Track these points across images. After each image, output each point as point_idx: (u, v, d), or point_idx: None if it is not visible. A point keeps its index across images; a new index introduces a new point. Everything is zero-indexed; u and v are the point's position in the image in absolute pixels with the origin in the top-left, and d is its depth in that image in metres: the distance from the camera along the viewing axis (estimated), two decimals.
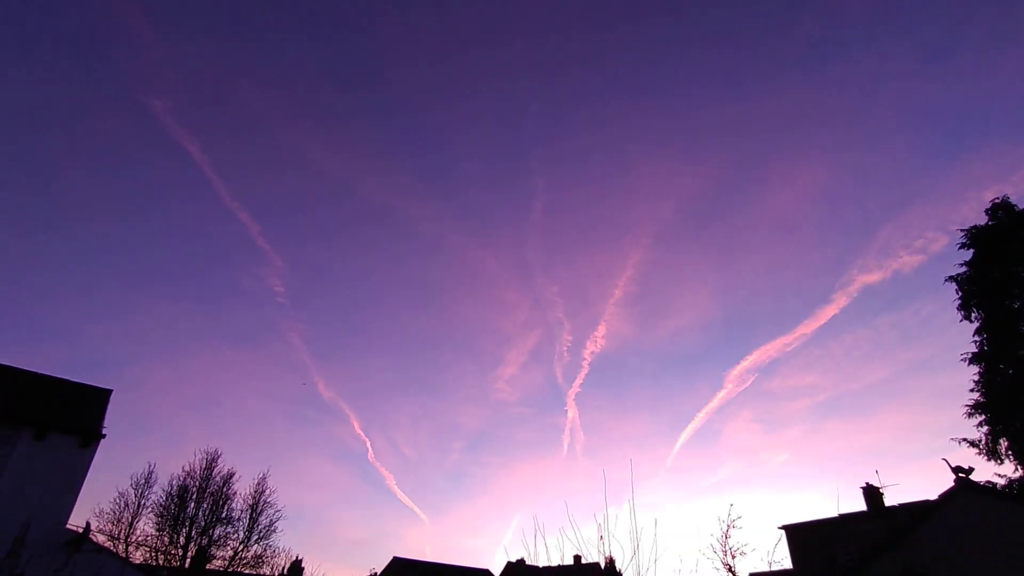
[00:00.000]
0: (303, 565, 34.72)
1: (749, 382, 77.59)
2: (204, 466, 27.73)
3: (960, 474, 15.32)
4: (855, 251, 72.77)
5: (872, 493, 25.90)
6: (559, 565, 9.56)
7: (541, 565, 10.05)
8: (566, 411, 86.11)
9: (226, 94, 68.71)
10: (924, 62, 65.87)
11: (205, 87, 67.41)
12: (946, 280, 21.06)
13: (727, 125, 71.06)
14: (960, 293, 20.61)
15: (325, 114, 76.01)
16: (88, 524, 10.65)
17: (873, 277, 67.45)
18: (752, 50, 71.11)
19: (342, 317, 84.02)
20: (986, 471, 24.43)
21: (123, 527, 25.53)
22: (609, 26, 72.44)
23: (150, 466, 31.55)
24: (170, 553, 25.63)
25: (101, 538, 23.56)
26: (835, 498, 52.59)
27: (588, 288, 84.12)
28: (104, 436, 11.53)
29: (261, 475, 30.03)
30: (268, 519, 28.56)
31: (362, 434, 76.33)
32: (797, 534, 26.19)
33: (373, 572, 46.65)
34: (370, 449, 75.85)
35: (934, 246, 59.38)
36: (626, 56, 73.35)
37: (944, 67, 64.92)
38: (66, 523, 10.33)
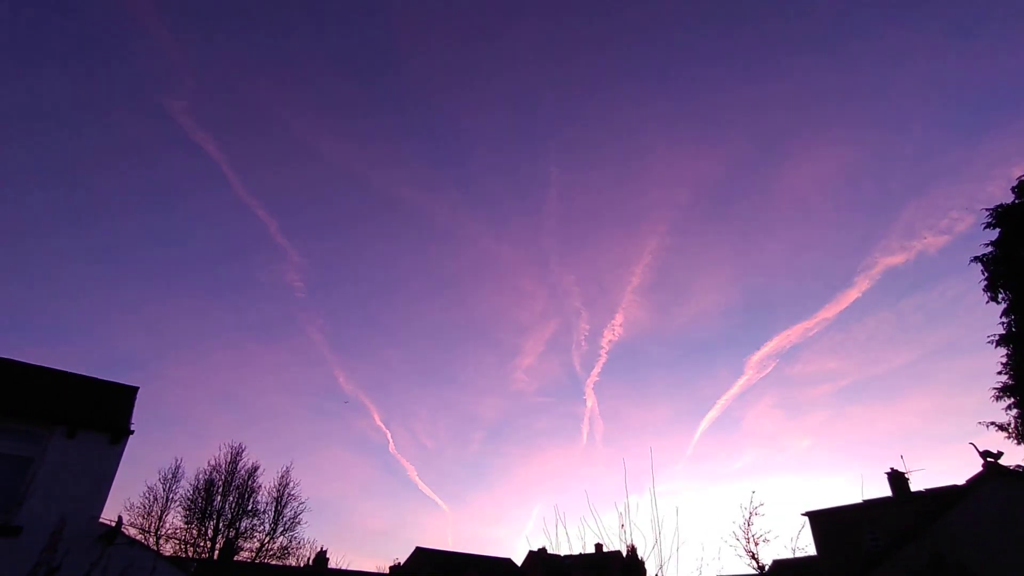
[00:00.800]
0: (327, 556, 35.39)
1: (770, 368, 76.84)
2: (229, 460, 28.45)
3: (989, 458, 15.02)
4: (878, 233, 71.38)
5: (897, 479, 25.55)
6: (580, 553, 9.60)
7: (562, 554, 10.11)
8: (585, 400, 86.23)
9: (240, 92, 69.39)
10: (949, 37, 64.04)
11: (219, 86, 68.14)
12: (972, 260, 20.57)
13: (744, 106, 69.88)
14: (986, 274, 20.11)
15: (337, 107, 76.40)
16: (120, 518, 10.92)
17: (896, 259, 66.11)
18: (770, 27, 69.66)
19: (360, 310, 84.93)
20: (1016, 455, 24.03)
21: (153, 520, 26.35)
22: (621, 8, 71.44)
23: (177, 461, 32.43)
24: (199, 545, 26.26)
25: (132, 531, 24.21)
26: (859, 484, 52.03)
27: (605, 276, 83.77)
28: (132, 432, 11.78)
29: (285, 468, 31.02)
30: (293, 511, 29.29)
31: (383, 426, 77.21)
32: (821, 520, 25.97)
33: (396, 562, 47.33)
34: (391, 440, 76.76)
35: (959, 226, 57.99)
36: (639, 38, 72.42)
37: (970, 42, 63.05)
38: (99, 517, 10.61)
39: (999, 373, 19.79)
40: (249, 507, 28.17)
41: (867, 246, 71.55)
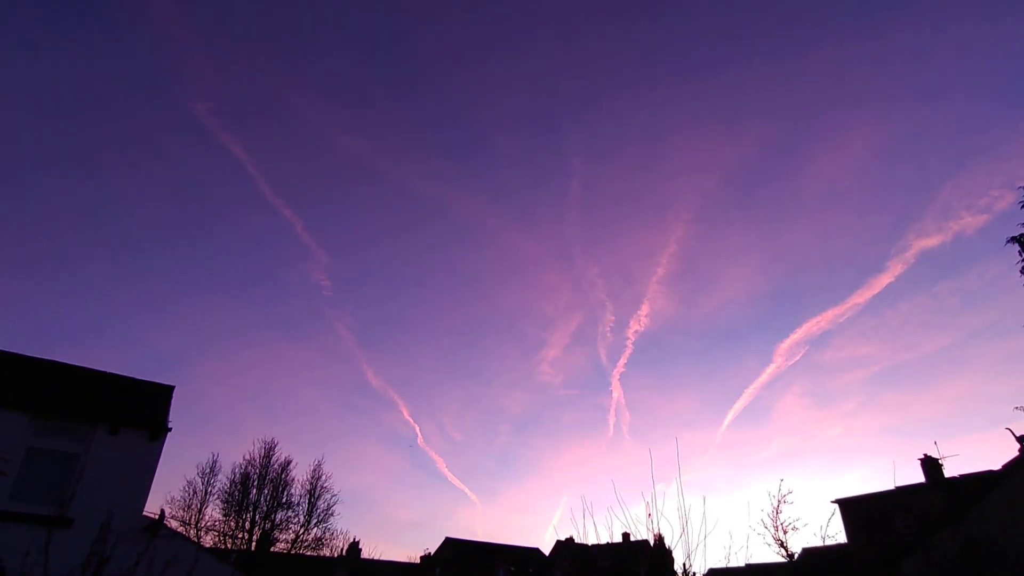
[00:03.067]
0: (360, 547, 36.16)
1: (799, 355, 75.36)
2: (263, 454, 28.92)
3: None
4: (912, 214, 69.09)
5: (931, 465, 25.05)
6: (608, 543, 9.70)
7: (590, 543, 10.22)
8: (611, 391, 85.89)
9: (262, 90, 70.31)
10: (988, 2, 61.36)
11: (242, 86, 69.06)
12: (1008, 241, 19.93)
13: (771, 84, 67.52)
14: (1023, 255, 19.51)
15: (354, 101, 76.71)
16: (162, 511, 11.38)
17: (932, 241, 64.04)
18: None
19: (386, 307, 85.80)
20: None
21: (193, 513, 27.13)
22: None
23: (214, 456, 33.05)
24: (237, 537, 27.03)
25: (174, 524, 25.05)
26: (891, 472, 50.96)
27: (629, 266, 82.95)
28: (170, 429, 12.22)
29: (316, 462, 31.26)
30: (325, 503, 29.75)
31: (411, 420, 78.07)
32: (852, 508, 25.62)
33: (427, 552, 48.14)
34: (420, 434, 77.69)
35: (999, 204, 55.92)
36: (661, 16, 70.75)
37: (1011, 7, 60.27)
38: (143, 511, 11.09)
39: None
40: (283, 500, 28.75)
41: (901, 228, 69.45)
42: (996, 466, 17.25)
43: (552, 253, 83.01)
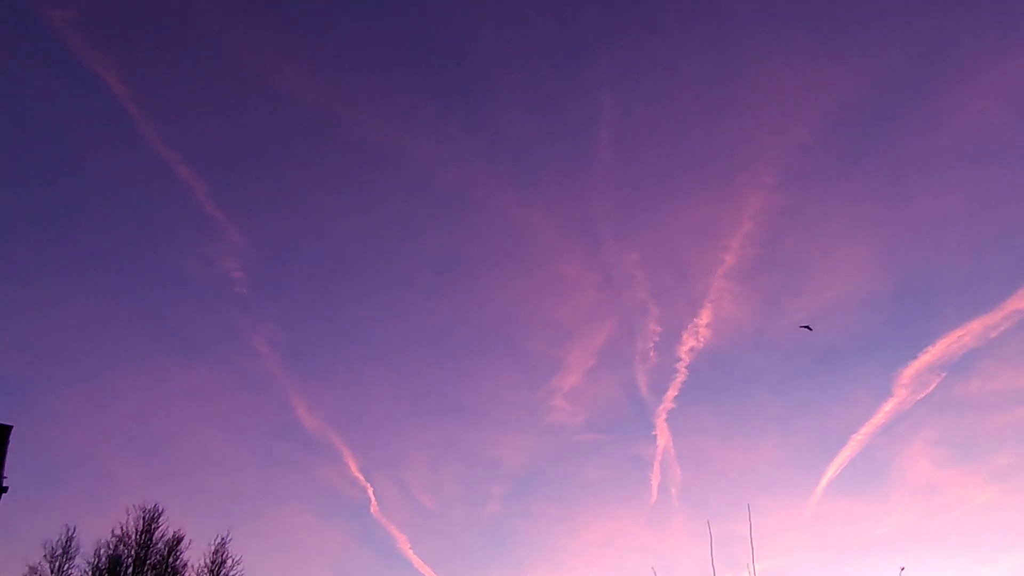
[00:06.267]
0: None
1: (932, 386, 59.19)
2: (142, 528, 25.14)
3: None
4: None
5: None
6: None
7: None
8: (654, 436, 69.76)
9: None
10: None
11: None
12: None
13: None
14: None
15: (289, 17, 58.16)
16: None
17: None
18: None
19: (327, 310, 71.38)
20: None
21: None
22: None
23: (69, 530, 26.49)
24: None
25: None
26: None
27: (684, 255, 63.40)
28: (6, 489, 9.49)
29: (219, 539, 26.84)
30: None
31: (361, 477, 65.92)
32: None
33: None
34: (373, 498, 65.25)
35: None
36: None
37: None
38: None
39: None
40: None
41: None
42: None
43: (571, 233, 64.68)
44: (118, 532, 24.65)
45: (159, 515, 25.61)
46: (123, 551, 24.27)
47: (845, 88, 56.00)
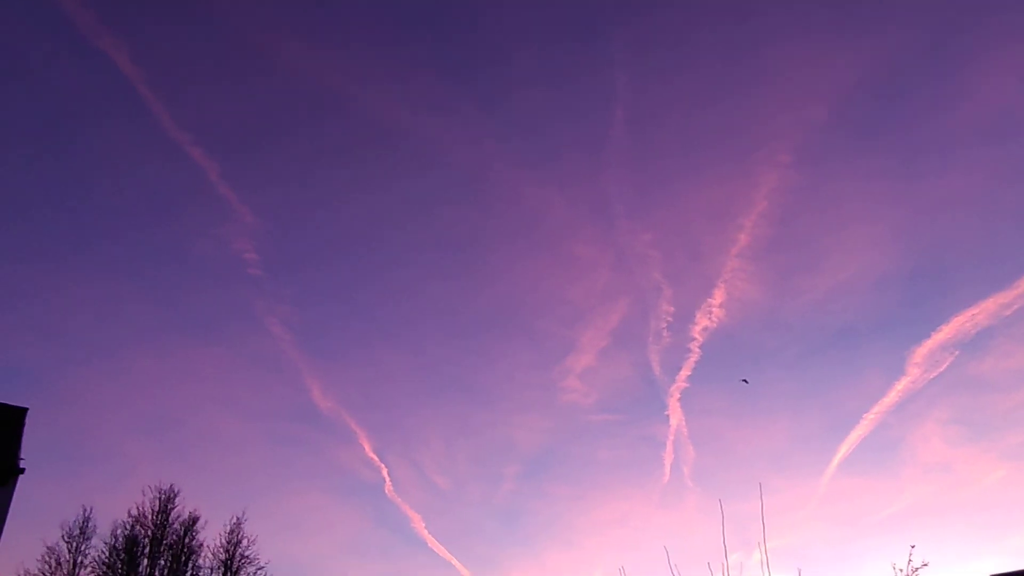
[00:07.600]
0: None
1: (945, 364, 59.34)
2: (158, 509, 25.22)
3: None
4: None
5: None
6: None
7: None
8: (667, 416, 70.37)
9: None
10: None
11: None
12: None
13: None
14: None
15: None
16: None
17: None
18: None
19: (340, 293, 72.53)
20: None
21: None
22: None
23: (85, 511, 26.75)
24: None
25: None
26: None
27: (697, 233, 59.86)
28: (23, 471, 9.92)
29: (235, 519, 27.04)
30: None
31: (375, 458, 67.16)
32: None
33: None
34: (387, 478, 66.45)
35: None
36: None
37: None
38: None
39: None
40: (187, 573, 24.85)
41: None
42: None
43: (584, 212, 62.94)
44: (135, 513, 24.89)
45: (175, 496, 25.79)
46: (140, 531, 24.52)
47: (861, 65, 53.87)
